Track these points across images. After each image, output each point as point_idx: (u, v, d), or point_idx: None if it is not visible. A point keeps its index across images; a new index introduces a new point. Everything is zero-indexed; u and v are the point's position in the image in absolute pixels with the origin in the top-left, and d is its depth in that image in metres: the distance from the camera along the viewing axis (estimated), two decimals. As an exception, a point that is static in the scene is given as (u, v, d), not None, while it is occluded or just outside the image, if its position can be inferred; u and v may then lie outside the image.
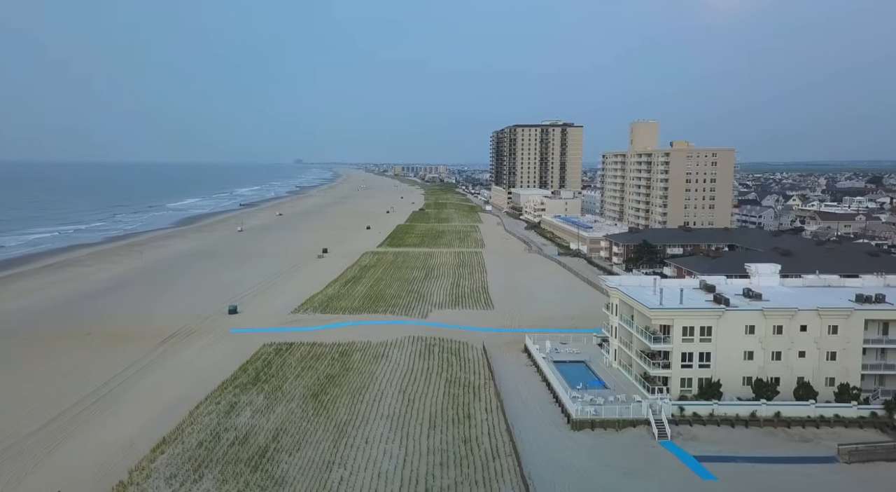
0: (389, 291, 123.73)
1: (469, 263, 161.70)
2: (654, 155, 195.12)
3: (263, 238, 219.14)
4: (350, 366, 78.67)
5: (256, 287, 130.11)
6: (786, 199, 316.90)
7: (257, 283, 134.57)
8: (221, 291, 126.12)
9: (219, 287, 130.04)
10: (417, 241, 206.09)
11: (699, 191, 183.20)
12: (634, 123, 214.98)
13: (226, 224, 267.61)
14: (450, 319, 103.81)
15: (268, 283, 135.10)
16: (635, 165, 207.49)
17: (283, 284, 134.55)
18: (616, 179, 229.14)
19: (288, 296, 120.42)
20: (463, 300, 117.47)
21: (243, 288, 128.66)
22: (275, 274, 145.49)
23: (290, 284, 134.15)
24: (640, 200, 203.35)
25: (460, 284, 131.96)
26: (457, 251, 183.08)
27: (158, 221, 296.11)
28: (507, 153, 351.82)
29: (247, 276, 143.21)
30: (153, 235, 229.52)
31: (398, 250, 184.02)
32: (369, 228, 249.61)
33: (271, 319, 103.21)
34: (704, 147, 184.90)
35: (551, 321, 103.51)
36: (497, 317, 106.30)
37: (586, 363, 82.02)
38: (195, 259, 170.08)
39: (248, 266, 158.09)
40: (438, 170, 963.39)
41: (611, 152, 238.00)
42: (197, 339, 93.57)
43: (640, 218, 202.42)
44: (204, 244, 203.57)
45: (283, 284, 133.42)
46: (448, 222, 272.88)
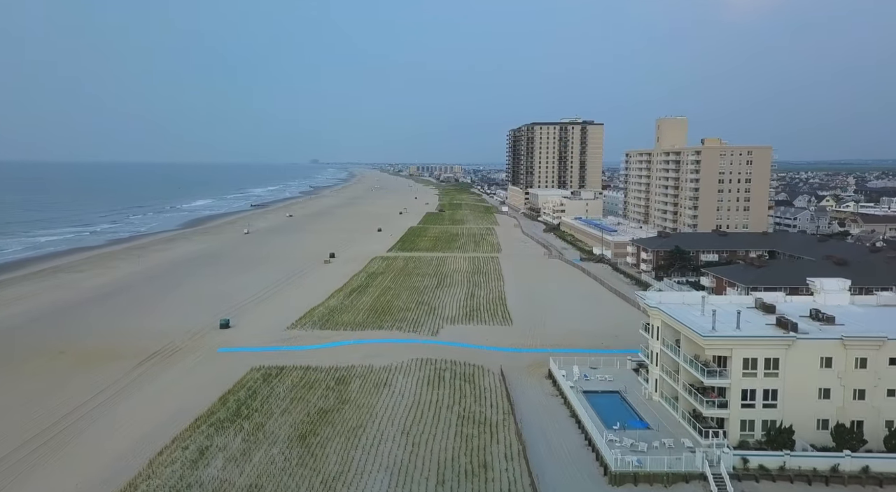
0: (397, 303, 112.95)
1: (485, 269, 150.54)
2: (683, 153, 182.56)
3: (270, 241, 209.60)
4: (347, 397, 67.89)
5: (254, 297, 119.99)
6: (818, 199, 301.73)
7: (256, 292, 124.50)
8: (217, 301, 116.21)
9: (214, 297, 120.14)
10: (430, 244, 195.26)
11: (733, 192, 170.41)
12: (661, 119, 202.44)
13: (233, 226, 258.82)
14: (463, 336, 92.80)
15: (267, 292, 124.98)
16: (662, 164, 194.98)
17: (284, 293, 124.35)
18: (640, 179, 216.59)
19: (287, 308, 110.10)
20: (478, 314, 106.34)
21: (240, 298, 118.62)
22: (276, 282, 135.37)
23: (291, 293, 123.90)
24: (667, 201, 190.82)
25: (475, 295, 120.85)
26: (471, 256, 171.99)
27: (166, 222, 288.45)
28: (524, 152, 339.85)
29: (246, 284, 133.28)
30: (157, 238, 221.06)
31: (409, 255, 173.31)
32: (380, 230, 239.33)
33: (265, 336, 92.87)
34: (739, 145, 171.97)
35: (577, 339, 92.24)
36: (516, 334, 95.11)
37: (621, 394, 70.60)
38: (195, 264, 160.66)
39: (250, 273, 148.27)
40: (453, 170, 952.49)
41: (635, 150, 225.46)
42: (180, 359, 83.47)
43: (668, 221, 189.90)
44: (208, 248, 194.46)
45: (283, 294, 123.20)
46: (463, 224, 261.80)
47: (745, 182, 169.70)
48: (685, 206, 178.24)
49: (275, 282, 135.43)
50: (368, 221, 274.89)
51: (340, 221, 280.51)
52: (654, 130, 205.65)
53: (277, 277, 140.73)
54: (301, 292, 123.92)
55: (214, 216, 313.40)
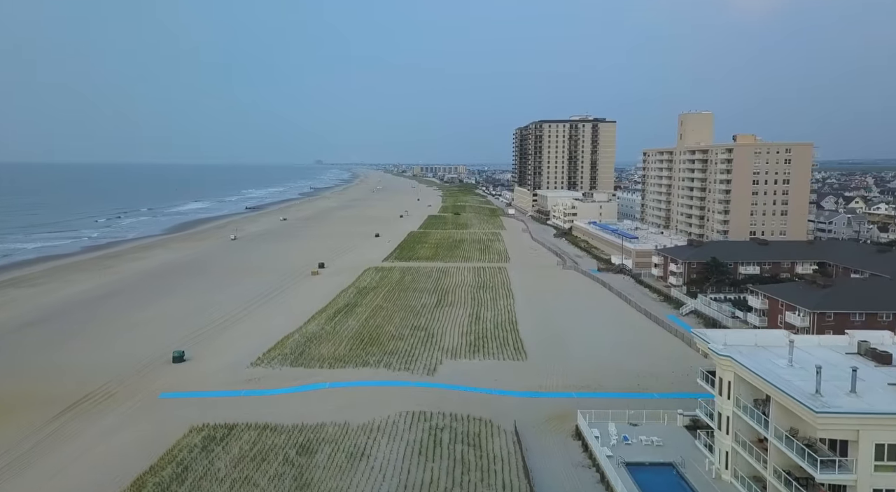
0: (388, 328, 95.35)
1: (491, 283, 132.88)
2: (711, 151, 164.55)
3: (257, 248, 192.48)
4: (308, 479, 50.33)
5: (223, 320, 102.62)
6: (846, 201, 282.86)
7: (226, 313, 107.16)
8: (178, 324, 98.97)
9: (177, 319, 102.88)
10: (430, 253, 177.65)
11: (769, 194, 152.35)
12: (684, 114, 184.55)
13: (221, 231, 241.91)
14: (467, 375, 75.24)
15: (240, 313, 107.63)
16: (687, 163, 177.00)
17: (258, 314, 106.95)
18: (661, 180, 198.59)
19: (257, 334, 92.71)
20: (485, 343, 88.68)
21: (206, 321, 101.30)
22: (252, 299, 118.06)
23: (267, 314, 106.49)
24: (692, 204, 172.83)
25: (481, 317, 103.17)
26: (476, 267, 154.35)
27: (154, 226, 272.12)
28: (531, 151, 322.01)
29: (218, 302, 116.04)
30: (136, 245, 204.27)
31: (407, 265, 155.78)
32: (378, 235, 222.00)
33: (222, 376, 75.50)
34: (776, 141, 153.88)
35: (607, 378, 74.79)
36: (531, 370, 77.51)
37: (677, 468, 52.97)
38: (167, 277, 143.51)
39: (226, 287, 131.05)
40: (458, 170, 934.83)
41: (654, 149, 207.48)
42: (109, 409, 66.17)
43: (693, 226, 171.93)
44: (187, 256, 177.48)
45: (257, 316, 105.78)
46: (467, 229, 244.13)
47: (783, 183, 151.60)
48: (714, 210, 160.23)
49: (251, 299, 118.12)
50: (366, 225, 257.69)
51: (336, 226, 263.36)
52: (677, 126, 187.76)
53: (255, 293, 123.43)
54: (278, 313, 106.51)
55: (204, 220, 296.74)
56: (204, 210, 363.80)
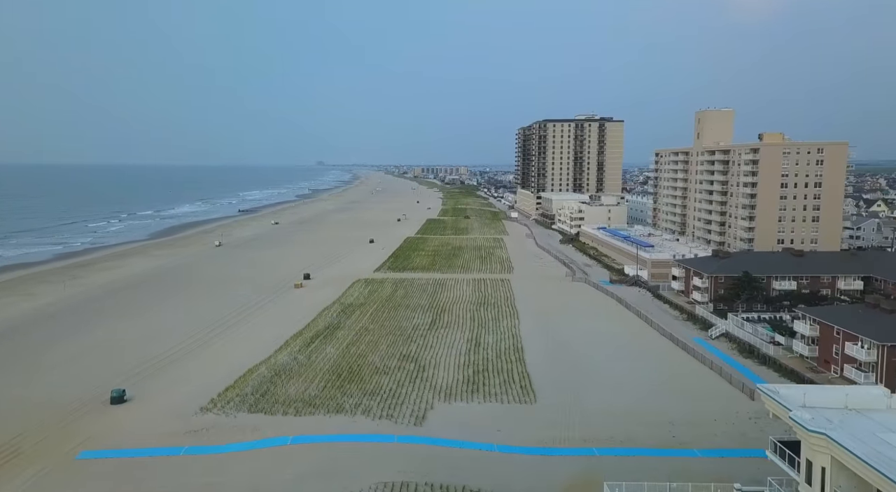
0: (372, 359, 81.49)
1: (493, 298, 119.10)
2: (733, 152, 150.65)
3: (240, 256, 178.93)
4: None
5: (179, 347, 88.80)
6: (867, 205, 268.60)
7: (186, 338, 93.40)
8: (126, 353, 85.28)
9: (127, 346, 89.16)
10: (427, 262, 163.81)
11: (799, 199, 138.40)
12: (702, 111, 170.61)
13: (208, 236, 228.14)
14: (463, 425, 61.39)
15: (202, 337, 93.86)
16: (705, 164, 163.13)
17: (224, 339, 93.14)
18: (676, 183, 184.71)
19: (217, 366, 79.00)
20: (486, 378, 74.80)
21: (160, 349, 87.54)
22: (221, 319, 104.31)
23: (233, 339, 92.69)
24: (712, 209, 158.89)
25: (482, 342, 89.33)
26: (477, 279, 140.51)
27: (140, 230, 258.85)
28: (535, 152, 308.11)
29: (180, 323, 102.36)
30: (113, 252, 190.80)
31: (400, 277, 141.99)
32: (373, 241, 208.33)
33: (164, 424, 61.76)
34: (807, 141, 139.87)
35: (634, 424, 61.16)
36: (542, 416, 63.71)
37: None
38: (134, 290, 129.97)
39: (196, 303, 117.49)
40: (459, 171, 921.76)
41: (667, 149, 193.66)
42: (7, 477, 52.43)
43: (713, 233, 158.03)
44: (164, 265, 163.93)
45: (220, 341, 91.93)
46: (467, 234, 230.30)
47: (815, 187, 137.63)
48: (737, 215, 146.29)
49: (221, 319, 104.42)
50: (361, 229, 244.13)
51: (330, 230, 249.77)
52: (694, 124, 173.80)
53: (227, 311, 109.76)
54: (247, 338, 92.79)
55: (192, 224, 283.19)
56: (195, 213, 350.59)
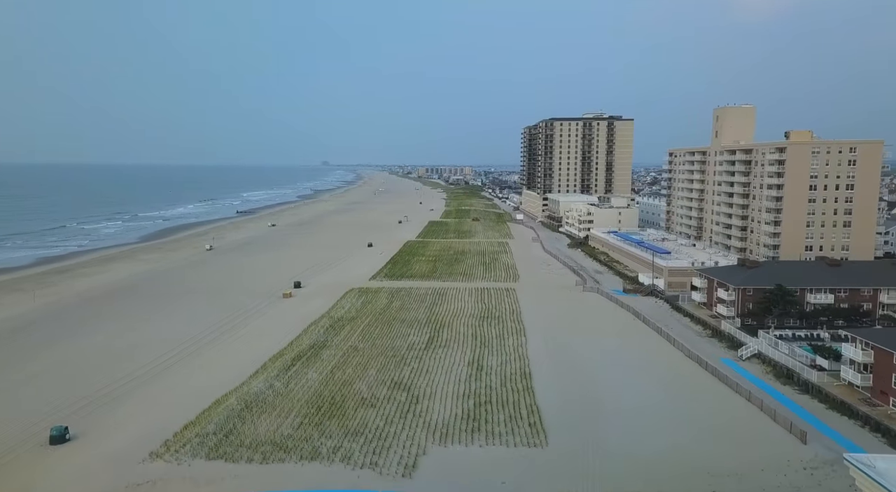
0: (358, 387, 71.43)
1: (498, 311, 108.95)
2: (756, 151, 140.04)
3: (231, 261, 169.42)
4: None
5: (142, 371, 78.89)
6: (889, 207, 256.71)
7: (153, 358, 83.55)
8: (80, 379, 75.57)
9: (84, 369, 79.42)
10: (427, 268, 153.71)
11: (829, 202, 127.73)
12: (720, 108, 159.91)
13: (201, 239, 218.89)
14: (460, 477, 51.30)
15: (168, 359, 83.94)
16: (725, 164, 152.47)
17: (193, 361, 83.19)
18: (692, 184, 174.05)
19: (179, 396, 69.07)
20: (488, 413, 64.63)
21: (119, 373, 77.66)
22: (195, 336, 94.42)
23: (204, 361, 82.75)
24: (732, 213, 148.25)
25: (484, 366, 79.18)
26: (480, 288, 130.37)
27: (132, 232, 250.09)
28: (541, 152, 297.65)
29: (148, 340, 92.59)
30: (98, 256, 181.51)
31: (397, 286, 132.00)
32: (371, 245, 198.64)
33: (100, 474, 51.89)
34: (839, 139, 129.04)
35: (667, 477, 50.90)
36: (556, 466, 53.57)
37: None
38: (109, 300, 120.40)
39: (174, 315, 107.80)
40: (463, 171, 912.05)
41: (682, 149, 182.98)
42: None
43: (733, 239, 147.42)
44: (148, 271, 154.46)
45: (188, 364, 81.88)
46: (470, 238, 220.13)
47: (847, 189, 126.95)
48: (761, 220, 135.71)
49: (195, 335, 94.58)
50: (360, 232, 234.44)
51: (328, 233, 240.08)
52: (711, 122, 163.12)
53: (205, 326, 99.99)
54: (220, 359, 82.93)
55: (187, 226, 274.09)
56: (192, 214, 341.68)
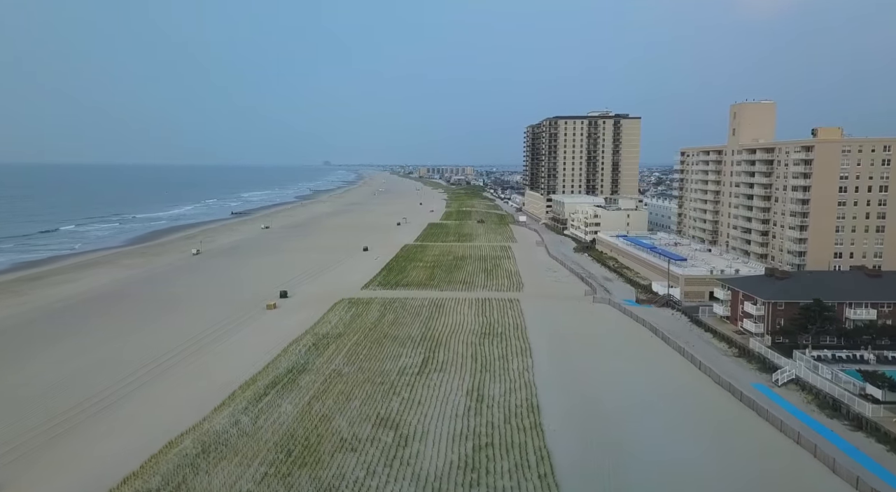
0: (338, 424, 61.27)
1: (501, 326, 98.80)
2: (779, 149, 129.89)
3: (217, 267, 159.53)
4: None
5: (92, 402, 68.77)
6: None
7: (107, 386, 73.43)
8: (17, 413, 65.63)
9: (24, 400, 69.38)
10: (425, 275, 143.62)
11: (861, 205, 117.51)
12: (738, 104, 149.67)
13: (188, 242, 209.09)
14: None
15: (124, 387, 73.78)
16: (744, 164, 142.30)
17: (148, 392, 72.99)
18: (706, 185, 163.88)
19: (123, 439, 59.07)
20: (491, 460, 54.48)
21: (66, 404, 67.67)
22: (160, 357, 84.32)
23: (161, 391, 72.59)
24: (752, 216, 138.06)
25: (486, 395, 68.98)
26: (481, 298, 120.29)
27: (116, 236, 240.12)
28: (544, 151, 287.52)
29: (112, 359, 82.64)
30: (77, 261, 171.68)
31: (391, 296, 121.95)
32: (367, 249, 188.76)
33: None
34: (871, 137, 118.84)
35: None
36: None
37: None
38: (74, 312, 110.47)
39: (138, 333, 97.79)
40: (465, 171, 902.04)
41: (695, 148, 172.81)
42: None
43: (753, 244, 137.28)
44: (128, 277, 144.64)
45: (144, 395, 71.63)
46: (471, 241, 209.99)
47: (881, 191, 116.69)
48: (784, 224, 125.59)
49: (159, 357, 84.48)
50: (357, 235, 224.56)
51: (323, 236, 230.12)
52: (728, 119, 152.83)
53: (173, 344, 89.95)
54: (184, 386, 72.86)
55: (177, 228, 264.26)
56: (185, 216, 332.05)
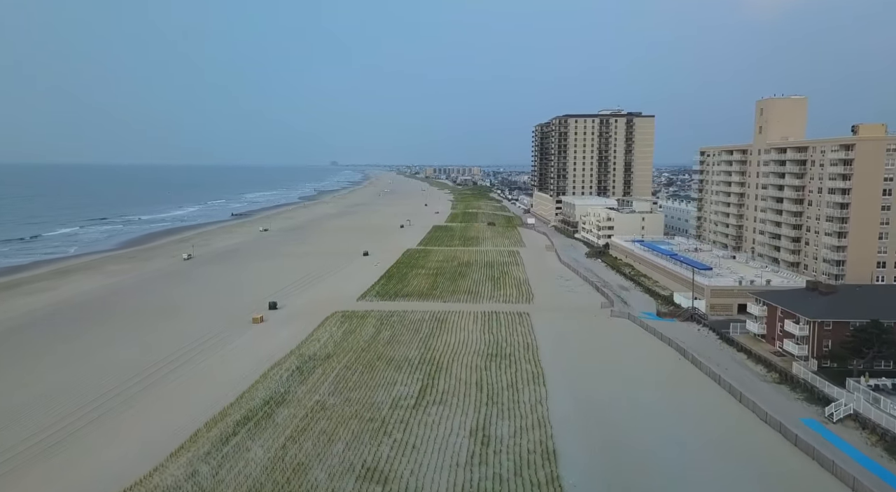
0: (315, 475, 51.15)
1: (509, 347, 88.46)
2: (813, 149, 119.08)
3: (206, 274, 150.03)
4: None
5: (27, 445, 59.16)
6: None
7: (51, 423, 63.65)
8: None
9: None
10: (426, 284, 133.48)
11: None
12: (765, 100, 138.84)
13: (181, 246, 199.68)
14: None
15: (76, 421, 64.05)
16: (772, 164, 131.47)
17: (101, 428, 63.18)
18: (729, 187, 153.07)
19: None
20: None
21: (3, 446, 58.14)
22: (124, 384, 74.54)
23: (113, 428, 62.75)
24: (782, 221, 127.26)
25: (492, 439, 58.64)
26: (487, 311, 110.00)
27: (109, 239, 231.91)
28: (554, 151, 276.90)
29: (70, 388, 73.00)
30: (57, 267, 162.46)
31: (389, 308, 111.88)
32: (367, 254, 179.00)
33: None
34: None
35: None
36: None
37: None
38: (42, 327, 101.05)
39: (111, 350, 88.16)
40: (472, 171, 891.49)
41: (717, 147, 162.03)
42: None
43: (783, 251, 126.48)
44: (110, 285, 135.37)
45: (96, 432, 61.87)
46: (477, 245, 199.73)
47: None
48: (819, 230, 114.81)
49: (123, 383, 74.71)
50: (358, 238, 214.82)
51: (323, 239, 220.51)
52: (755, 116, 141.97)
53: (141, 367, 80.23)
54: (139, 422, 62.92)
55: (172, 230, 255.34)
56: (185, 217, 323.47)
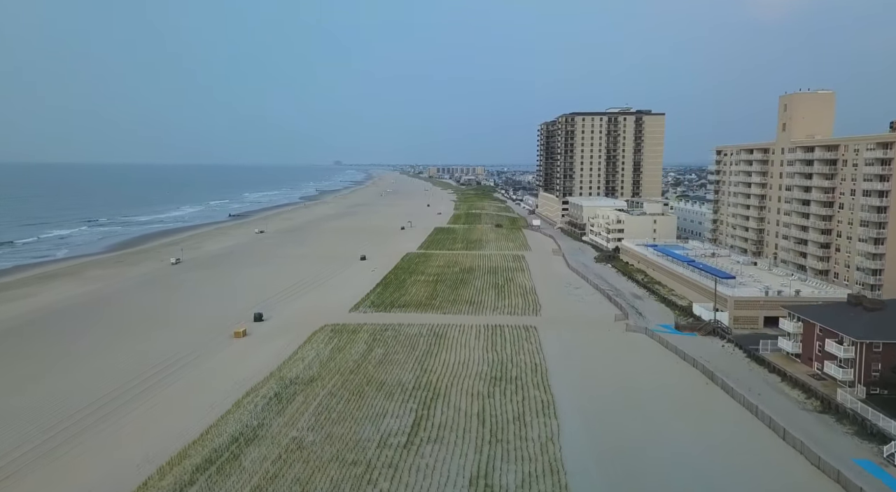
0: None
1: (515, 369, 79.39)
2: (845, 147, 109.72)
3: (194, 280, 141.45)
4: None
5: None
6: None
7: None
8: None
9: None
10: (425, 293, 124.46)
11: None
12: (789, 95, 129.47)
13: (172, 249, 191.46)
14: None
15: (15, 461, 55.53)
16: (798, 164, 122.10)
17: (30, 478, 54.70)
18: (749, 188, 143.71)
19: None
20: None
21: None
22: (79, 413, 65.83)
23: (55, 470, 54.22)
24: (809, 225, 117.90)
25: (496, 487, 49.65)
26: (491, 324, 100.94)
27: (101, 241, 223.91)
28: (560, 150, 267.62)
29: (18, 415, 64.36)
30: (39, 272, 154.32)
31: (384, 320, 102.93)
32: (364, 258, 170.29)
33: None
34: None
35: None
36: None
37: None
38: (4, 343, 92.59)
39: (74, 368, 79.52)
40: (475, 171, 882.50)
41: (736, 146, 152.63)
42: None
43: (811, 257, 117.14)
44: (89, 293, 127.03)
45: (31, 478, 53.45)
46: (480, 249, 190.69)
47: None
48: (853, 235, 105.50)
49: (79, 411, 66.04)
50: (356, 240, 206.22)
51: (321, 241, 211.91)
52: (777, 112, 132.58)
53: (104, 390, 71.56)
54: (74, 472, 54.25)
55: (164, 232, 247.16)
56: (182, 218, 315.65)
